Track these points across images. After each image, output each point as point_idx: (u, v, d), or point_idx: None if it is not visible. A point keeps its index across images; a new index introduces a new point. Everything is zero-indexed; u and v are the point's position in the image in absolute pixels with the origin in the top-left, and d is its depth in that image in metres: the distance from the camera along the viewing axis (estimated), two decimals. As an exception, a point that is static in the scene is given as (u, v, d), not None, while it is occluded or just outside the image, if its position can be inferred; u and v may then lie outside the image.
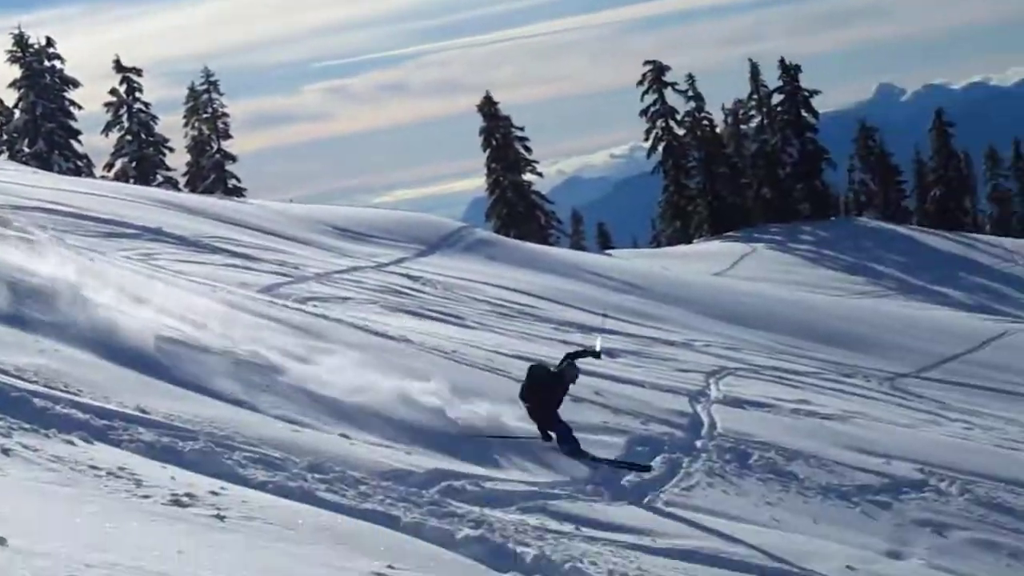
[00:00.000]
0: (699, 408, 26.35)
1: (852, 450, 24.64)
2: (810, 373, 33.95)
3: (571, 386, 20.52)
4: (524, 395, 20.21)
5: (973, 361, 39.72)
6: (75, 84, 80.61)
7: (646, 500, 18.09)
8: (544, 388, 20.13)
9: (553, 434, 19.84)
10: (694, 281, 50.21)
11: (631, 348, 32.68)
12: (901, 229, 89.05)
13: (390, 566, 10.75)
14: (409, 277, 38.09)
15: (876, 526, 19.93)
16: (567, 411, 20.40)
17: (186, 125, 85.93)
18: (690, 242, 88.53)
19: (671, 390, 27.76)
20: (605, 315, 20.51)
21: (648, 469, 19.26)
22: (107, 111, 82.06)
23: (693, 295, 44.03)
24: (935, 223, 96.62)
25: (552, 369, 20.51)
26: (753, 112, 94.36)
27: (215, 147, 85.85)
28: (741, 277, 65.29)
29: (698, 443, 23.30)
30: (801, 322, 41.60)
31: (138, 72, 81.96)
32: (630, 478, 18.93)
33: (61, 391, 14.90)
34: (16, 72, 79.31)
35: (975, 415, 32.21)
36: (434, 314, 32.32)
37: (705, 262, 72.32)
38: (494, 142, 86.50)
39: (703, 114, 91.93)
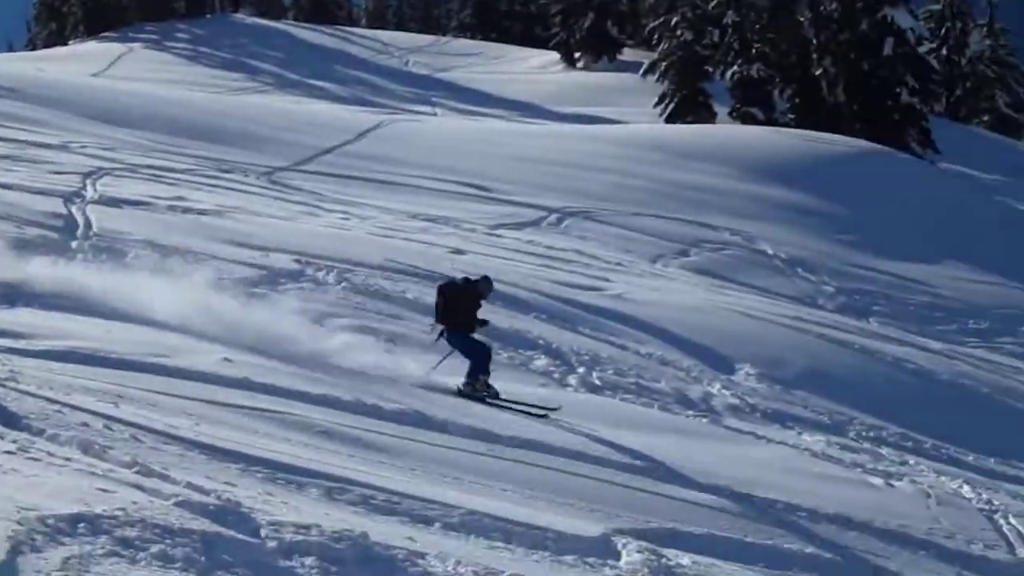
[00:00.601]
0: (74, 209, 25.78)
1: (230, 244, 24.71)
2: (187, 170, 33.61)
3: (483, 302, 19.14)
4: (441, 317, 18.65)
5: (350, 153, 40.30)
6: None
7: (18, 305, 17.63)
8: (461, 306, 18.63)
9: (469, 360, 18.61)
10: (70, 83, 48.63)
11: (2, 153, 31.55)
12: (278, 25, 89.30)
13: None
14: None
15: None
16: None
17: None
18: (66, 44, 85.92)
19: (45, 192, 26.99)
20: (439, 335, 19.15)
21: (555, 410, 18.29)
22: None
23: (69, 97, 42.69)
24: (310, 18, 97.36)
25: (460, 282, 19.11)
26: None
27: None
28: (118, 77, 63.88)
29: (73, 244, 22.86)
30: (178, 120, 41.05)
31: None
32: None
33: None
34: None
35: (352, 205, 32.79)
36: None
37: (82, 63, 70.38)
38: None
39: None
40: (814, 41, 58.85)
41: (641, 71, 70.11)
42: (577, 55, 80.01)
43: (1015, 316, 33.85)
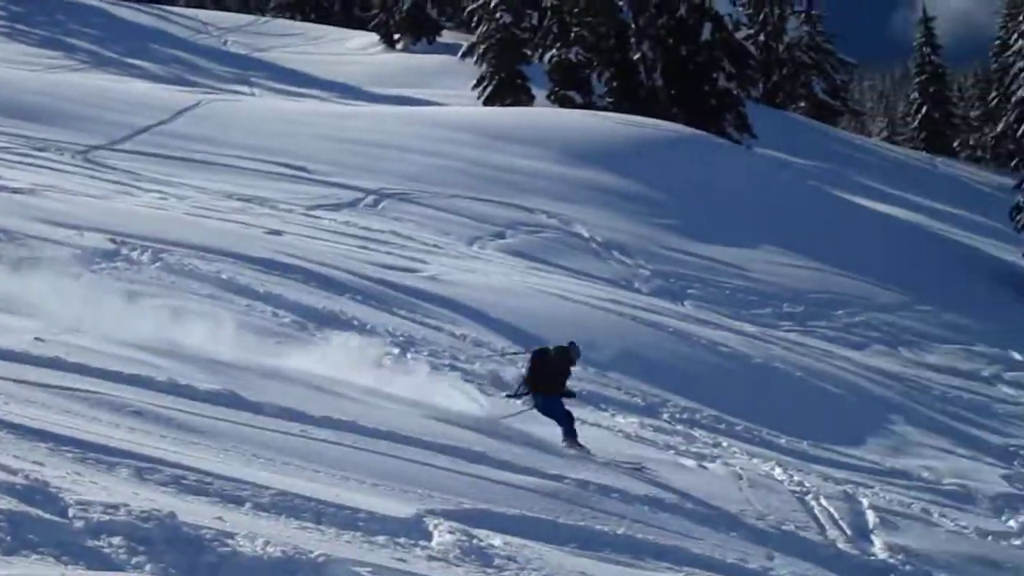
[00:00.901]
0: None
1: (45, 223, 24.34)
2: (0, 148, 33.02)
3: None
4: (534, 382, 18.85)
5: (167, 132, 39.79)
6: None
7: None
8: (556, 372, 18.82)
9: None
10: None
11: None
12: (94, 2, 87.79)
13: None
14: None
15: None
16: None
17: None
18: None
19: None
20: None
21: (640, 468, 18.24)
22: None
23: None
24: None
25: (552, 350, 19.18)
26: None
27: None
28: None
29: None
30: (-9, 98, 40.28)
31: None
32: None
33: None
34: None
35: (169, 184, 32.46)
36: None
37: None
38: None
39: None
40: (632, 25, 59.33)
41: (460, 53, 70.11)
42: (397, 37, 79.76)
43: (829, 300, 34.59)
